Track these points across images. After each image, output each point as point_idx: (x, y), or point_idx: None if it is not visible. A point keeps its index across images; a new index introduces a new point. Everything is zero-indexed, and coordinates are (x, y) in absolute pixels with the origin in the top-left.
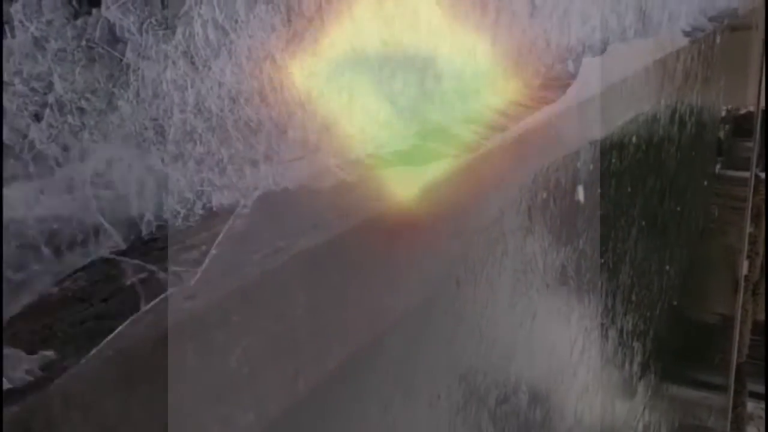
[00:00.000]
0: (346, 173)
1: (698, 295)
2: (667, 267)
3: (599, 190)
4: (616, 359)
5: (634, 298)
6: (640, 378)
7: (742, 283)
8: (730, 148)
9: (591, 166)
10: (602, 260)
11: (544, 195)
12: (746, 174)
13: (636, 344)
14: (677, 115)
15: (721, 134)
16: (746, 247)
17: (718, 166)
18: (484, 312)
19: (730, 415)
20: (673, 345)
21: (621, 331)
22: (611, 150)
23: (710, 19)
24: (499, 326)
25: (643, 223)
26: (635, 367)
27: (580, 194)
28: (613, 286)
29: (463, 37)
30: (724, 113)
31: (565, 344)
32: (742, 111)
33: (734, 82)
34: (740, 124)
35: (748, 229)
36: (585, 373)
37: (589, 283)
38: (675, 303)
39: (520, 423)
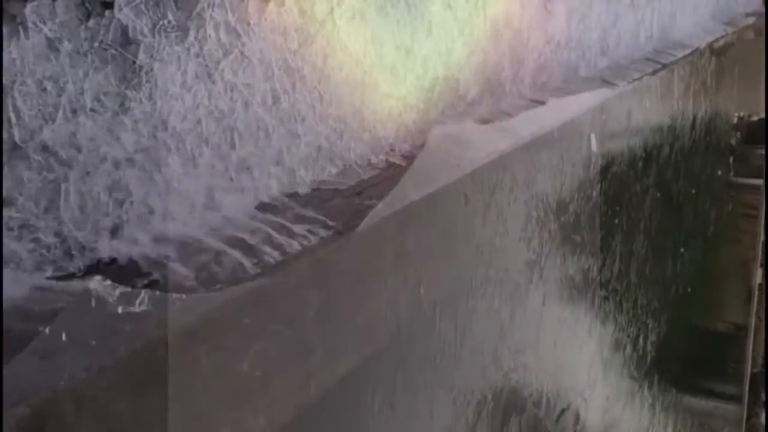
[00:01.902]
0: (359, 175)
1: (711, 304)
2: (678, 270)
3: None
4: (622, 367)
5: (644, 304)
6: (650, 387)
7: (756, 292)
8: (742, 155)
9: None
10: (609, 269)
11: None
12: (759, 182)
13: (646, 352)
14: (688, 122)
15: (733, 141)
16: (760, 255)
17: (730, 173)
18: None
19: (744, 425)
20: (685, 354)
21: (630, 343)
22: (618, 153)
23: (723, 24)
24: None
25: (650, 227)
26: (645, 375)
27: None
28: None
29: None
30: (736, 120)
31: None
32: (755, 118)
33: (747, 89)
34: (753, 131)
35: (762, 236)
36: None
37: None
38: (687, 312)
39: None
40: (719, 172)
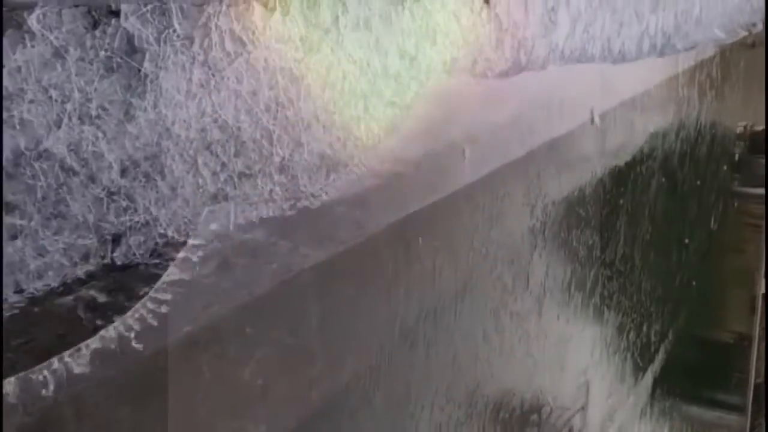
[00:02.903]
0: (362, 184)
1: (715, 314)
2: (683, 281)
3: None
4: (627, 373)
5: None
6: (654, 397)
7: (760, 302)
8: (746, 164)
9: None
10: (611, 277)
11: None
12: (763, 191)
13: (649, 364)
14: (692, 131)
15: (737, 151)
16: (764, 265)
17: (735, 183)
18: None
19: None
20: (688, 364)
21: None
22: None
23: (728, 34)
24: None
25: (653, 238)
26: (649, 384)
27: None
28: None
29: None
30: (740, 130)
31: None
32: (758, 128)
33: (751, 98)
34: (757, 141)
35: (764, 246)
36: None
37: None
38: (691, 321)
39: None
40: (723, 180)
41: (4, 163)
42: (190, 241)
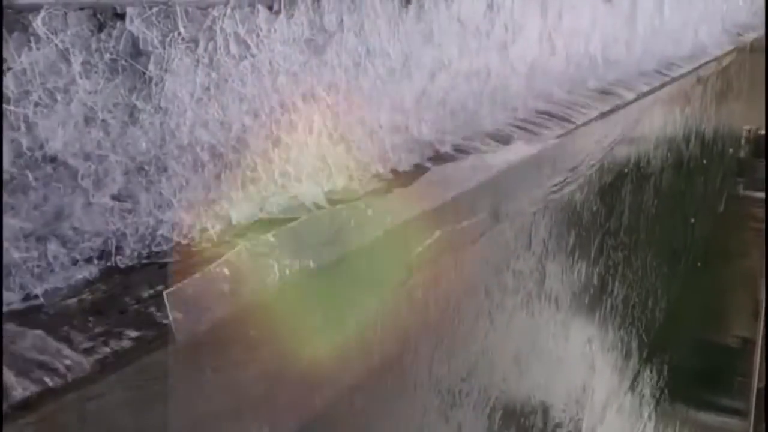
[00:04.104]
0: (367, 190)
1: (718, 318)
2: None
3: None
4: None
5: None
6: (655, 400)
7: (764, 306)
8: (751, 168)
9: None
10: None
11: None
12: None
13: (651, 365)
14: (696, 134)
15: (742, 154)
16: (765, 270)
17: (739, 187)
18: None
19: None
20: (691, 368)
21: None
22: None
23: (731, 37)
24: None
25: (656, 241)
26: (650, 389)
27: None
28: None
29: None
30: (745, 133)
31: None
32: (763, 131)
33: (756, 102)
34: (761, 145)
35: (767, 251)
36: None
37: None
38: (694, 325)
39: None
40: (726, 186)
41: (6, 164)
42: (194, 244)
